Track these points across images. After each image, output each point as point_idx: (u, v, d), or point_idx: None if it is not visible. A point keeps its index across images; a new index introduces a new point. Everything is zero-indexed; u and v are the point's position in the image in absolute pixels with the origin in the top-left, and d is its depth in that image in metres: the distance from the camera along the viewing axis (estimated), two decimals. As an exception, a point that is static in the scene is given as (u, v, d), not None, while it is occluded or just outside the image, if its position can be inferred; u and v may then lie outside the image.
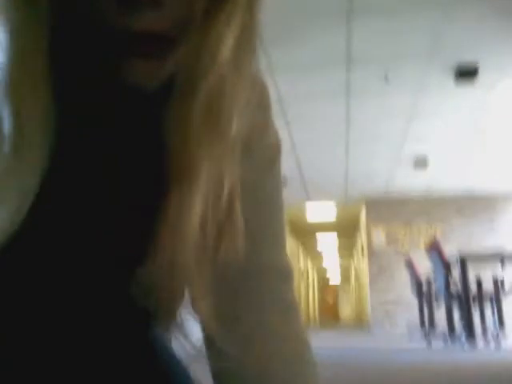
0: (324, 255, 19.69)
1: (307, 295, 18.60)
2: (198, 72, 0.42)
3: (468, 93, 5.23)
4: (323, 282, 30.84)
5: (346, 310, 29.08)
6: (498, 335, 5.43)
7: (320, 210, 10.98)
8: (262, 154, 0.53)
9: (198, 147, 0.42)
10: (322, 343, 6.21)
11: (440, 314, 6.69)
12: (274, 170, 0.55)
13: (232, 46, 0.42)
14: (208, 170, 0.43)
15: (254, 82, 0.51)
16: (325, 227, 13.04)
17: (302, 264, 16.55)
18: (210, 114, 0.42)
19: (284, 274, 0.54)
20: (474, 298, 5.27)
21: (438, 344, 5.78)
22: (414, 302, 7.58)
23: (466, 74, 4.72)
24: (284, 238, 0.56)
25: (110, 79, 0.42)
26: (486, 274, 6.40)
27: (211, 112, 0.42)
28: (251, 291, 0.51)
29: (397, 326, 9.16)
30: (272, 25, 3.75)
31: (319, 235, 14.55)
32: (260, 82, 0.55)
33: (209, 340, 0.51)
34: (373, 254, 9.67)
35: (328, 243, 16.15)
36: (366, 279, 10.61)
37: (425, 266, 6.70)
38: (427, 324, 6.56)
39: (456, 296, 5.31)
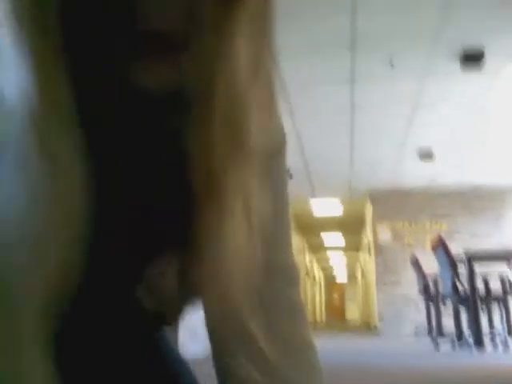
0: (330, 253, 19.68)
1: (313, 294, 18.59)
2: (215, 79, 0.41)
3: (474, 78, 5.18)
4: (329, 280, 30.86)
5: (353, 309, 29.08)
6: (506, 338, 5.39)
7: (325, 207, 10.97)
8: (266, 150, 0.52)
9: (222, 158, 0.42)
10: (329, 342, 6.20)
11: (447, 315, 6.65)
12: (278, 165, 0.54)
13: (247, 48, 0.42)
14: (235, 180, 0.43)
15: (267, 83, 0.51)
16: (330, 224, 13.02)
17: (307, 261, 16.54)
18: (229, 123, 0.42)
19: (290, 275, 0.54)
20: (481, 299, 5.22)
21: (444, 344, 5.74)
22: (421, 299, 7.55)
23: (472, 58, 4.69)
24: (290, 237, 0.56)
25: (122, 86, 0.41)
26: (493, 273, 6.36)
27: (231, 121, 0.42)
28: (256, 291, 0.50)
29: (404, 323, 9.12)
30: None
31: (325, 232, 14.52)
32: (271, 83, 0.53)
33: (215, 340, 0.51)
34: (379, 250, 9.63)
35: (334, 241, 16.15)
36: (372, 276, 10.58)
37: (431, 265, 6.65)
38: (434, 325, 6.52)
39: (463, 296, 5.25)
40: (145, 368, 0.50)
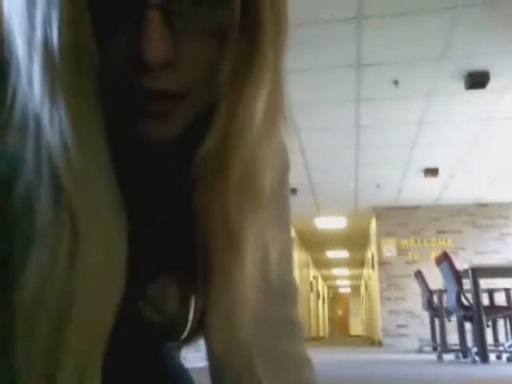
0: (334, 268, 19.57)
1: (317, 309, 18.45)
2: (231, 142, 0.41)
3: (479, 98, 5.20)
4: (333, 295, 30.61)
5: (357, 324, 28.81)
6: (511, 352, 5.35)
7: (330, 223, 10.95)
8: (274, 182, 0.51)
9: (239, 216, 0.43)
10: (333, 356, 6.15)
11: (452, 330, 6.61)
12: (283, 189, 0.55)
13: (262, 110, 0.41)
14: (252, 233, 0.44)
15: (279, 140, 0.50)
16: (335, 239, 12.97)
17: (311, 277, 16.44)
18: (245, 184, 0.42)
19: (290, 294, 0.55)
20: (486, 314, 5.20)
21: (449, 360, 5.70)
22: (425, 314, 7.50)
23: (478, 79, 4.70)
24: (292, 257, 0.57)
25: (131, 139, 0.41)
26: (498, 289, 6.34)
27: (247, 182, 0.42)
28: (259, 314, 0.50)
29: (408, 338, 9.06)
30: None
31: (329, 248, 14.46)
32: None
33: (213, 359, 0.50)
34: (383, 266, 9.60)
35: (338, 256, 16.06)
36: (376, 292, 10.53)
37: (436, 281, 6.63)
38: (439, 341, 6.49)
39: (468, 311, 5.23)
40: (145, 373, 0.50)
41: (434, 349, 6.92)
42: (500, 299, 6.42)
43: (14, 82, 0.37)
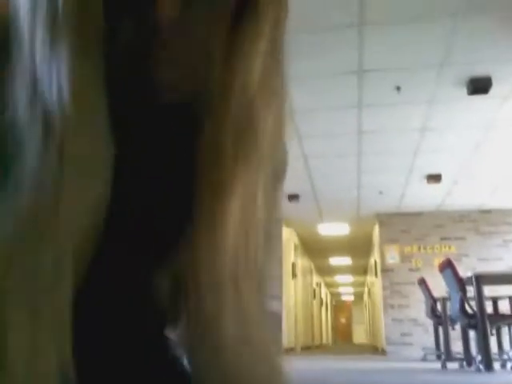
0: (337, 275, 19.55)
1: (320, 316, 18.41)
2: (229, 95, 0.43)
3: (481, 104, 5.21)
4: (336, 302, 30.58)
5: (360, 332, 28.75)
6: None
7: (333, 230, 10.94)
8: (271, 168, 0.52)
9: (232, 161, 0.44)
10: (336, 363, 6.12)
11: (456, 338, 6.57)
12: (278, 184, 0.56)
13: (260, 67, 0.44)
14: (241, 184, 0.44)
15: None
16: (338, 246, 12.96)
17: (314, 284, 16.41)
18: (242, 135, 0.44)
19: (267, 286, 0.54)
20: (490, 321, 5.15)
21: (453, 367, 5.67)
22: (429, 322, 7.47)
23: (480, 85, 4.71)
24: (274, 253, 0.56)
25: (142, 97, 0.43)
26: (502, 296, 6.30)
27: (243, 133, 0.44)
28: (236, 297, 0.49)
29: (412, 347, 9.01)
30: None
31: (332, 255, 14.45)
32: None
33: (189, 350, 0.50)
34: (386, 273, 9.56)
35: (341, 263, 16.05)
36: (379, 299, 10.48)
37: (439, 288, 6.60)
38: (443, 349, 6.44)
39: (472, 319, 5.19)
40: (146, 369, 0.50)
41: (438, 357, 6.88)
42: (504, 307, 6.39)
43: (17, 40, 0.38)
